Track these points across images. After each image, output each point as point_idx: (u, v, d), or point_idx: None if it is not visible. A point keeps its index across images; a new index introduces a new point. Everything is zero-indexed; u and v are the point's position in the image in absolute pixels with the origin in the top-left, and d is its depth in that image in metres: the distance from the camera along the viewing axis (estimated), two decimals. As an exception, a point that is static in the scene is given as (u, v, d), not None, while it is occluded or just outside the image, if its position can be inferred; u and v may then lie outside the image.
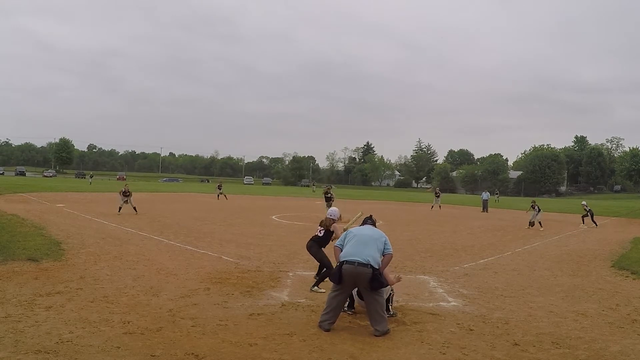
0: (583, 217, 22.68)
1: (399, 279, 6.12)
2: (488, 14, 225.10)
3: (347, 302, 6.11)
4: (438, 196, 33.12)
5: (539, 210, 20.04)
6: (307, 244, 7.88)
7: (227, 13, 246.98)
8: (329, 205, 19.89)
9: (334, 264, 6.22)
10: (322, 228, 7.73)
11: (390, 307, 6.08)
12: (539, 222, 19.79)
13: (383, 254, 5.73)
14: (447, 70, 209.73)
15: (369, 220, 6.36)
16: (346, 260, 5.50)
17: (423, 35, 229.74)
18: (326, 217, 7.81)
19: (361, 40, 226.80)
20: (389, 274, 6.06)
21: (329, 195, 24.60)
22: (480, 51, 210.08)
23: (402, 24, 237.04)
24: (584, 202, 23.73)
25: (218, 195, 35.49)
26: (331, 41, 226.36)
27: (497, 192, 53.94)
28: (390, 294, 6.13)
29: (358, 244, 5.64)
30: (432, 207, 32.03)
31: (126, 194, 19.05)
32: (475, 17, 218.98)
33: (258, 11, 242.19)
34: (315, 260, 7.81)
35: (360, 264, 5.42)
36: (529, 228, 19.71)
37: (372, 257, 5.51)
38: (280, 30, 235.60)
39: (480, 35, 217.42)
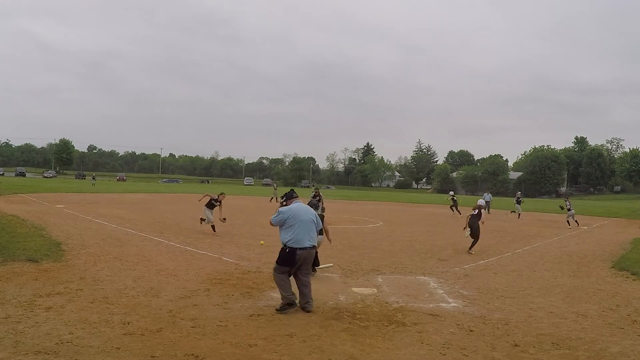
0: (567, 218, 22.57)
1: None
2: (487, 15, 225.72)
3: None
4: (519, 202, 28.57)
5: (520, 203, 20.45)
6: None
7: (227, 14, 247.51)
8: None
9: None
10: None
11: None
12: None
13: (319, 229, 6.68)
14: (447, 71, 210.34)
15: (295, 196, 6.83)
16: (299, 247, 6.17)
17: (422, 37, 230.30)
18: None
19: (360, 42, 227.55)
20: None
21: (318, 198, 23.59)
22: (480, 52, 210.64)
23: (401, 25, 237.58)
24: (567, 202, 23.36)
25: (271, 199, 33.80)
26: (330, 42, 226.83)
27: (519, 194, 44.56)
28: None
29: (304, 229, 6.26)
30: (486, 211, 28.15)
31: (217, 202, 15.74)
32: (474, 19, 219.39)
33: (257, 13, 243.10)
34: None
35: (310, 247, 6.30)
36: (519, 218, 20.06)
37: (314, 238, 6.43)
38: (279, 31, 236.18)
39: (479, 37, 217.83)
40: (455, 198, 29.44)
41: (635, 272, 9.72)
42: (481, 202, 14.46)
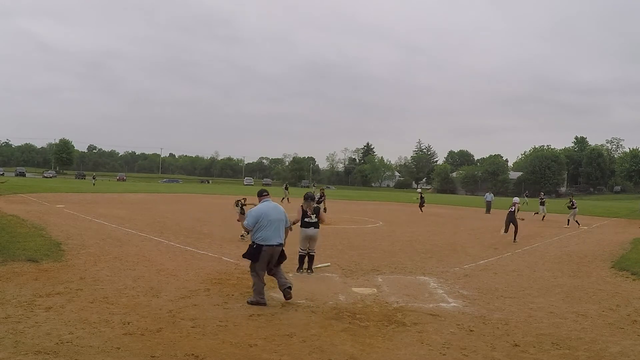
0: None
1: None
2: (487, 15, 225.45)
3: (302, 265, 8.68)
4: (542, 203, 28.12)
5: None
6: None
7: (227, 15, 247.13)
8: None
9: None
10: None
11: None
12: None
13: (286, 228, 7.14)
14: (447, 71, 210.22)
15: (266, 195, 7.21)
16: (269, 243, 6.66)
17: (422, 37, 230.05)
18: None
19: (360, 42, 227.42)
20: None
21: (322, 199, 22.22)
22: (480, 52, 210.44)
23: (401, 25, 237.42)
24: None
25: (283, 199, 32.73)
26: (330, 42, 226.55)
27: (527, 194, 44.87)
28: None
29: (273, 229, 6.77)
30: (536, 214, 26.69)
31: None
32: (474, 19, 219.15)
33: (257, 13, 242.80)
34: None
35: (277, 244, 6.79)
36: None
37: (282, 237, 6.96)
38: (279, 31, 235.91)
39: (479, 37, 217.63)
40: (423, 196, 30.04)
41: (635, 272, 9.72)
42: (516, 199, 16.90)
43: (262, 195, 7.17)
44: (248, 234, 7.29)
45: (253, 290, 6.65)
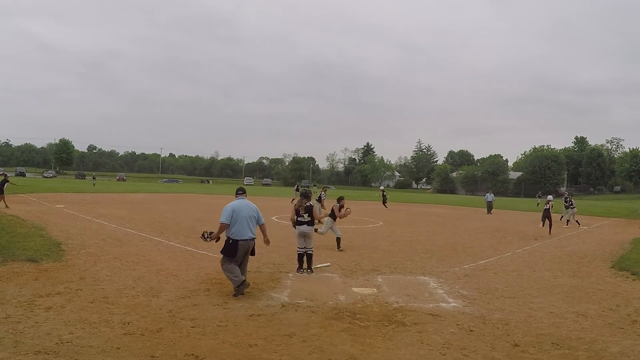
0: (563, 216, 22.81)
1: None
2: (487, 15, 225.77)
3: (302, 265, 8.82)
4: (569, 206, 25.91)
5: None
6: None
7: (226, 15, 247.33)
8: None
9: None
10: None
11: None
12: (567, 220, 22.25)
13: (261, 225, 7.56)
14: (447, 71, 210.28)
15: (242, 193, 7.62)
16: (242, 238, 7.06)
17: (422, 37, 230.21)
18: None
19: (360, 42, 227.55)
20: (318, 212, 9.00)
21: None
22: (480, 52, 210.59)
23: (401, 25, 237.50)
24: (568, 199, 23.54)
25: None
26: (330, 42, 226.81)
27: (541, 194, 41.22)
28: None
29: (244, 224, 7.16)
30: (562, 217, 24.05)
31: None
32: (474, 19, 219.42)
33: (257, 13, 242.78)
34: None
35: (250, 239, 7.19)
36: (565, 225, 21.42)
37: (254, 232, 7.31)
38: (279, 31, 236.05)
39: (479, 37, 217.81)
40: (385, 194, 30.46)
41: (635, 272, 9.72)
42: (550, 197, 19.38)
43: (237, 193, 7.62)
44: (211, 238, 7.40)
45: (227, 273, 7.08)
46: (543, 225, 18.43)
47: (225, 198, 38.52)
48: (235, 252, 7.01)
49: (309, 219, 9.02)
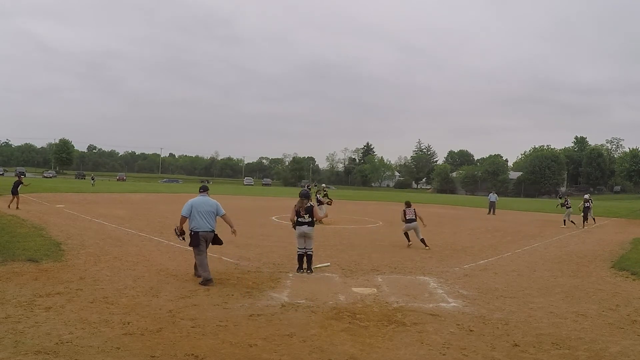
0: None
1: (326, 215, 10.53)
2: (486, 15, 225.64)
3: (302, 265, 8.88)
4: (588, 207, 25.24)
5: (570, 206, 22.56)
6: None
7: (226, 15, 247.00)
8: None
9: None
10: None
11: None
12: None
13: (222, 217, 8.27)
14: (446, 71, 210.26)
15: (204, 191, 8.36)
16: (201, 230, 7.86)
17: (422, 37, 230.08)
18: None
19: (360, 42, 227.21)
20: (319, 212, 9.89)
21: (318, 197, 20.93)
22: (479, 52, 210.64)
23: (401, 25, 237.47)
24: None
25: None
26: (330, 43, 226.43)
27: (561, 195, 36.08)
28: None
29: (204, 217, 7.95)
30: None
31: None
32: (474, 19, 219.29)
33: (256, 13, 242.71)
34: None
35: (209, 230, 7.96)
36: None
37: (213, 224, 8.08)
38: (279, 31, 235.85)
39: (479, 37, 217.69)
40: (326, 192, 30.95)
41: (635, 272, 9.72)
42: (586, 196, 22.23)
43: (199, 190, 8.41)
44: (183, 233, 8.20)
45: (198, 267, 7.89)
46: (585, 223, 21.70)
47: (226, 198, 38.54)
48: (198, 242, 7.84)
49: (310, 219, 9.00)
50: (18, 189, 20.00)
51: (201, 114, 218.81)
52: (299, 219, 9.02)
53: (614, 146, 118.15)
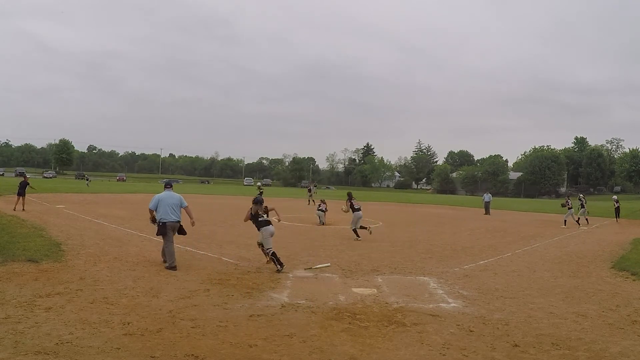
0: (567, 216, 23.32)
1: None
2: (486, 16, 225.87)
3: (280, 260, 9.06)
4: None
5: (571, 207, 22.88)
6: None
7: (226, 15, 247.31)
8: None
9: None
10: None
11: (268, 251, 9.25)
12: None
13: (185, 208, 9.25)
14: (446, 71, 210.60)
15: (169, 186, 9.46)
16: (167, 221, 8.87)
17: (422, 37, 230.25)
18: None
19: (359, 42, 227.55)
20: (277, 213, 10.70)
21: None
22: (479, 53, 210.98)
23: (401, 25, 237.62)
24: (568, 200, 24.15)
25: (309, 201, 34.27)
26: (329, 43, 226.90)
27: (583, 198, 28.49)
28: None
29: (169, 210, 8.97)
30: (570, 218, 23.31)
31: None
32: (474, 19, 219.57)
33: (256, 13, 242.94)
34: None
35: (175, 221, 9.00)
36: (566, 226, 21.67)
37: (179, 215, 9.12)
38: (278, 32, 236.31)
39: (479, 37, 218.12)
40: (311, 190, 35.50)
41: (635, 272, 9.71)
42: (614, 197, 24.56)
43: (165, 186, 9.47)
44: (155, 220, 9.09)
45: (166, 254, 8.82)
46: (617, 220, 24.93)
47: (225, 198, 38.56)
48: (166, 231, 8.85)
49: (268, 218, 9.68)
50: (25, 189, 19.88)
51: (201, 114, 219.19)
52: (260, 219, 9.40)
53: (614, 146, 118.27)
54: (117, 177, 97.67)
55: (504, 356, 4.94)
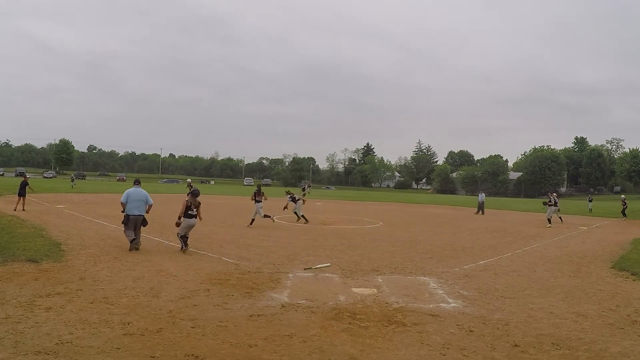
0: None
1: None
2: (486, 16, 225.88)
3: (186, 242, 10.86)
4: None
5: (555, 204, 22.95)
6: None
7: (225, 15, 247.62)
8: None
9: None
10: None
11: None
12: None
13: (149, 204, 11.02)
14: (446, 72, 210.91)
15: (137, 183, 11.22)
16: (132, 214, 10.56)
17: (422, 38, 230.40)
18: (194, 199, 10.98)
19: (359, 43, 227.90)
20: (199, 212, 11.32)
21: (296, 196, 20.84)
22: (479, 53, 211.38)
23: (399, 26, 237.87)
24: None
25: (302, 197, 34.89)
26: (329, 43, 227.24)
27: (591, 198, 35.81)
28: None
29: (135, 205, 10.65)
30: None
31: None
32: (474, 20, 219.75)
33: (255, 14, 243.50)
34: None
35: (138, 215, 10.67)
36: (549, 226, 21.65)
37: (142, 210, 10.82)
38: (278, 32, 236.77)
39: (479, 38, 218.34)
40: (301, 190, 34.34)
41: (635, 272, 9.71)
42: (622, 196, 23.49)
43: (134, 183, 11.21)
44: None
45: (126, 236, 10.63)
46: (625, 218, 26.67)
47: (225, 198, 38.57)
48: (128, 222, 10.53)
49: (196, 212, 11.01)
50: (25, 189, 19.87)
51: (201, 114, 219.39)
52: (189, 212, 10.86)
53: (614, 146, 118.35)
54: (117, 177, 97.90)
55: (504, 356, 4.94)
